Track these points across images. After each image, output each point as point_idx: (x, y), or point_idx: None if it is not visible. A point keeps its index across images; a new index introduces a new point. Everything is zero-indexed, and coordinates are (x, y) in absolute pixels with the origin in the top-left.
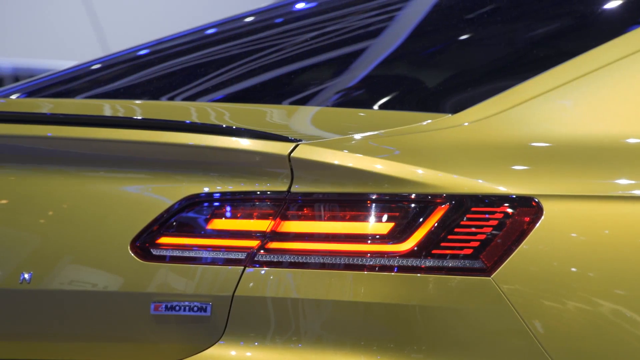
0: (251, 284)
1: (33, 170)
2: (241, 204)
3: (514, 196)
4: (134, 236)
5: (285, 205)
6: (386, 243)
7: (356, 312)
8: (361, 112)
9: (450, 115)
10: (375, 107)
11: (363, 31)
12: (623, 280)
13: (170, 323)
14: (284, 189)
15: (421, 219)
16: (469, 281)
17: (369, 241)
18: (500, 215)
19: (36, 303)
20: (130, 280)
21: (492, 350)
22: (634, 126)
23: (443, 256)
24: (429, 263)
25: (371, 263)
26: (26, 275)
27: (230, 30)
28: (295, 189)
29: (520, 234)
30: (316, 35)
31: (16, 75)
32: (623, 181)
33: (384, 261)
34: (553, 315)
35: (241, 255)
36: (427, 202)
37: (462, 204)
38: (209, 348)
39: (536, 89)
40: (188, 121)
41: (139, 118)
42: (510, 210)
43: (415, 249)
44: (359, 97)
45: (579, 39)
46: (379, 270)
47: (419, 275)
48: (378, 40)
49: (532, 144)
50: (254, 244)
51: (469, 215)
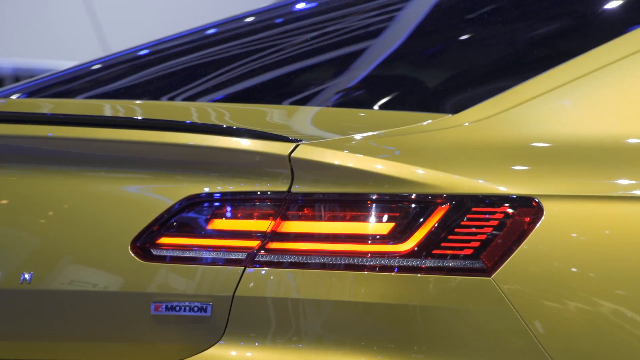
0: (251, 284)
1: (34, 171)
2: (241, 204)
3: (515, 196)
4: (135, 236)
5: (286, 205)
6: (386, 243)
7: (356, 313)
8: (361, 112)
9: (450, 115)
10: (376, 107)
11: (363, 31)
12: (623, 280)
13: (170, 323)
14: (284, 189)
15: (421, 219)
16: (469, 281)
17: (370, 241)
18: (501, 216)
19: (37, 303)
20: (131, 281)
21: (493, 350)
22: (634, 126)
23: (443, 256)
24: (430, 263)
25: (371, 263)
26: (27, 276)
27: (231, 30)
28: (296, 189)
29: (521, 234)
30: (316, 35)
31: (17, 76)
32: (623, 181)
33: (385, 261)
34: (553, 315)
35: (241, 256)
36: (428, 202)
37: (463, 204)
38: (209, 348)
39: (536, 89)
40: (188, 121)
41: (140, 118)
42: (510, 211)
43: (416, 249)
44: (360, 97)
45: (579, 39)
46: (379, 271)
47: (419, 275)
48: (378, 41)
49: (533, 144)
50: (254, 244)
51: (469, 216)
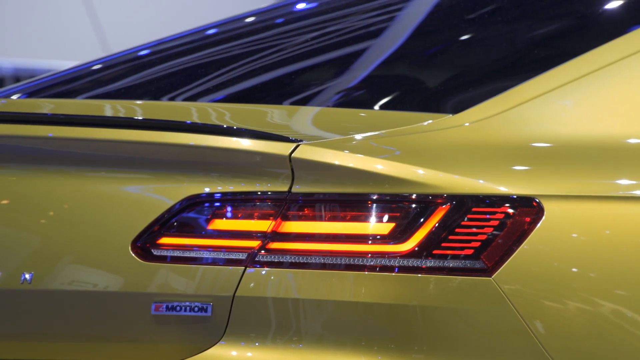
0: (252, 284)
1: (34, 171)
2: (242, 204)
3: (515, 196)
4: (135, 236)
5: (286, 205)
6: (387, 243)
7: (357, 313)
8: (362, 113)
9: (451, 115)
10: (376, 108)
11: (364, 31)
12: (624, 280)
13: (171, 323)
14: (285, 189)
15: (422, 219)
16: (469, 281)
17: (370, 241)
18: (501, 216)
19: (37, 303)
20: (131, 281)
21: (493, 350)
22: (635, 126)
23: (444, 256)
24: (430, 263)
25: (372, 263)
26: (27, 276)
27: (231, 30)
28: (296, 189)
29: (521, 234)
30: (317, 35)
31: (17, 76)
32: (624, 181)
33: (385, 261)
34: (554, 315)
35: (242, 256)
36: (428, 203)
37: (463, 204)
38: (209, 348)
39: (537, 89)
40: (189, 121)
41: (140, 118)
42: (511, 211)
43: (416, 249)
44: (360, 98)
45: (580, 39)
46: (379, 271)
47: (419, 275)
48: (379, 41)
49: (533, 144)
50: (254, 244)
51: (469, 216)
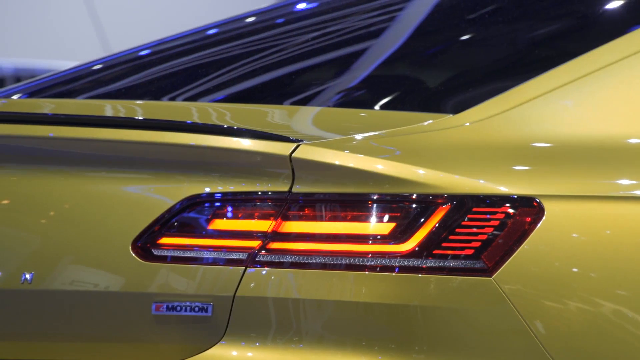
0: (252, 284)
1: (35, 171)
2: (242, 204)
3: (516, 196)
4: (135, 236)
5: (287, 205)
6: (387, 243)
7: (357, 313)
8: (362, 113)
9: (451, 115)
10: (377, 108)
11: (364, 31)
12: (624, 280)
13: (171, 323)
14: (285, 189)
15: (422, 219)
16: (470, 281)
17: (370, 241)
18: (502, 216)
19: (37, 303)
20: (132, 281)
21: (494, 350)
22: (636, 126)
23: (444, 256)
24: (430, 263)
25: (372, 263)
26: (27, 276)
27: (232, 30)
28: (297, 189)
29: (522, 234)
30: (317, 35)
31: (18, 76)
32: (624, 181)
33: (385, 261)
34: (554, 315)
35: (242, 256)
36: (429, 203)
37: (464, 204)
38: (210, 348)
39: (537, 90)
40: (189, 121)
41: (141, 118)
42: (511, 211)
43: (417, 249)
44: (360, 98)
45: (581, 40)
46: (380, 271)
47: (420, 275)
48: (379, 41)
49: (534, 144)
50: (255, 244)
51: (470, 216)
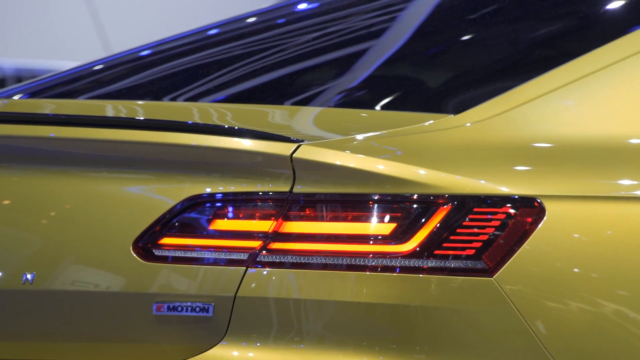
0: (253, 285)
1: (36, 171)
2: (243, 204)
3: (516, 197)
4: (137, 237)
5: (288, 205)
6: (388, 244)
7: (358, 313)
8: (363, 113)
9: (452, 115)
10: (378, 108)
11: (365, 32)
12: (625, 280)
13: (172, 323)
14: (286, 189)
15: (423, 220)
16: (471, 282)
17: (371, 242)
18: (503, 216)
19: (38, 303)
20: (133, 281)
21: (494, 351)
22: (637, 127)
23: (445, 257)
24: (431, 264)
25: (373, 264)
26: (29, 276)
27: (232, 30)
28: (298, 189)
29: (523, 234)
30: (318, 35)
31: (19, 76)
32: (625, 182)
33: (386, 262)
34: (555, 315)
35: (243, 256)
36: (430, 203)
37: (465, 204)
38: (211, 348)
39: (538, 90)
40: (190, 122)
41: (142, 119)
42: (512, 211)
43: (418, 249)
44: (361, 98)
45: (582, 40)
46: (381, 271)
47: (421, 275)
48: (380, 41)
49: (535, 144)
50: (256, 244)
51: (471, 216)
